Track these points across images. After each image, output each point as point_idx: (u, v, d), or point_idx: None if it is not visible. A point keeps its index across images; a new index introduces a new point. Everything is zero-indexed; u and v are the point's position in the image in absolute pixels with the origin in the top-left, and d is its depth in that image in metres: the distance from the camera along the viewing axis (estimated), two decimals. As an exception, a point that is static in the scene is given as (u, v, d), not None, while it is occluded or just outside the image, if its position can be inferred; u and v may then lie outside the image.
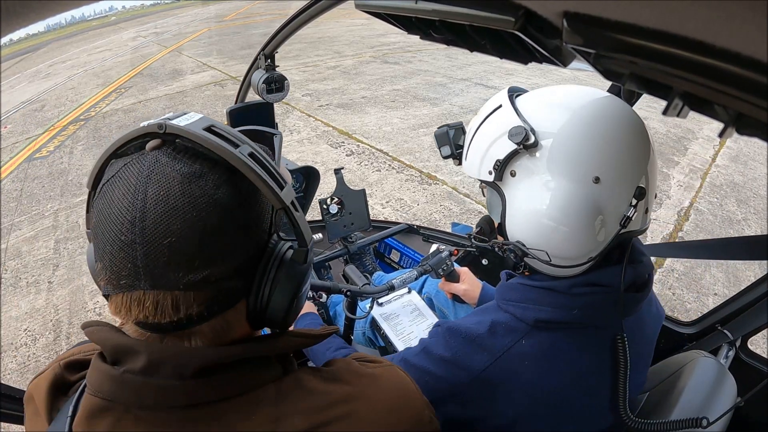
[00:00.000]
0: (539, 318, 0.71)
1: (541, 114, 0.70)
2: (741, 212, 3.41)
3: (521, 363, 0.70)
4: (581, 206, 0.66)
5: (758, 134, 0.24)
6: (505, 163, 0.71)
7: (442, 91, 6.35)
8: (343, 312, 1.31)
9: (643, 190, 0.67)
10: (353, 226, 1.60)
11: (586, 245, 0.69)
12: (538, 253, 0.70)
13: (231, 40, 12.48)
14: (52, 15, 0.31)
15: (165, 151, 0.42)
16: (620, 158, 0.67)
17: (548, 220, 0.68)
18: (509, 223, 0.74)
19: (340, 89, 6.82)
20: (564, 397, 0.71)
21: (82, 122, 6.25)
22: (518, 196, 0.71)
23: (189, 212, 0.40)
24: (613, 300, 0.70)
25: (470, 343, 0.73)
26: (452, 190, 3.73)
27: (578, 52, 0.32)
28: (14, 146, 5.65)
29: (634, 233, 0.71)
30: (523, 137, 0.66)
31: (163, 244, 0.40)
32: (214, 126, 0.45)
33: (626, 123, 0.68)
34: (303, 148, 4.71)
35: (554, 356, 0.71)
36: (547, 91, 0.75)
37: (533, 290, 0.74)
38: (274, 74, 1.20)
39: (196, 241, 0.40)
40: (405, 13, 0.52)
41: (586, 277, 0.72)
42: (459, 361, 0.73)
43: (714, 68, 0.22)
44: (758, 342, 2.11)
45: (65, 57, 13.64)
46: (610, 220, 0.68)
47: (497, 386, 0.71)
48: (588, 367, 0.72)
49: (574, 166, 0.66)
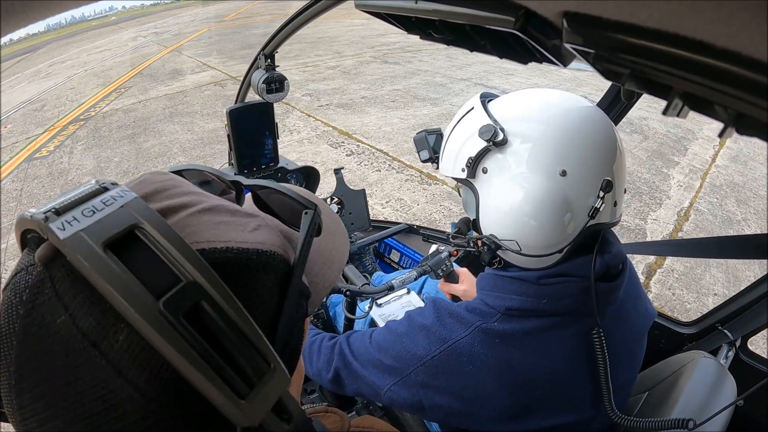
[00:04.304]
0: (509, 306, 0.74)
1: (510, 114, 0.74)
2: (741, 212, 3.41)
3: (491, 340, 0.73)
4: (549, 199, 0.69)
5: (758, 134, 0.24)
6: (476, 161, 0.74)
7: (442, 91, 6.35)
8: (342, 312, 1.31)
9: (610, 183, 0.70)
10: (353, 226, 1.60)
11: (555, 236, 0.72)
12: (509, 244, 0.74)
13: (231, 40, 12.48)
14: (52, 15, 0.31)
15: (56, 272, 0.25)
16: (586, 152, 0.70)
17: (519, 213, 0.72)
18: (483, 219, 0.77)
19: (340, 89, 6.82)
20: (532, 379, 0.73)
21: (82, 122, 6.25)
22: (490, 192, 0.75)
23: (70, 407, 0.24)
24: (584, 290, 0.72)
25: (450, 316, 0.77)
26: (452, 191, 3.73)
27: (578, 52, 0.32)
28: (14, 146, 5.65)
29: (604, 225, 0.74)
30: (492, 134, 0.70)
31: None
32: (139, 229, 0.25)
33: (591, 120, 0.72)
34: (303, 148, 4.71)
35: (524, 341, 0.73)
36: (517, 94, 0.79)
37: (504, 279, 0.77)
38: (274, 74, 1.20)
39: None
40: (405, 13, 0.52)
41: (556, 268, 0.75)
42: (437, 331, 0.76)
43: (714, 68, 0.22)
44: (758, 342, 2.11)
45: (65, 57, 13.64)
46: (578, 212, 0.71)
47: (469, 357, 0.74)
48: (559, 355, 0.74)
49: (541, 160, 0.70)
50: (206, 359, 0.24)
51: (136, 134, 5.50)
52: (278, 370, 0.27)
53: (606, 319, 0.74)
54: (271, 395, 0.27)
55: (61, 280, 0.25)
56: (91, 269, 0.23)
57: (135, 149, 5.04)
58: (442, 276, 1.20)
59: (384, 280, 1.42)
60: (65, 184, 4.37)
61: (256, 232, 0.32)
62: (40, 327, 0.24)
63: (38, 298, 0.25)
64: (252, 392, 0.25)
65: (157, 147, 5.05)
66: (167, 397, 0.25)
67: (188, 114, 6.10)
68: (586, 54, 0.31)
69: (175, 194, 0.31)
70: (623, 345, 0.79)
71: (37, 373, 0.25)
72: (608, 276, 0.76)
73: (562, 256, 0.74)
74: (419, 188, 3.81)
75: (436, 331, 0.77)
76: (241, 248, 0.29)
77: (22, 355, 0.25)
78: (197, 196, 0.32)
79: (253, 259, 0.30)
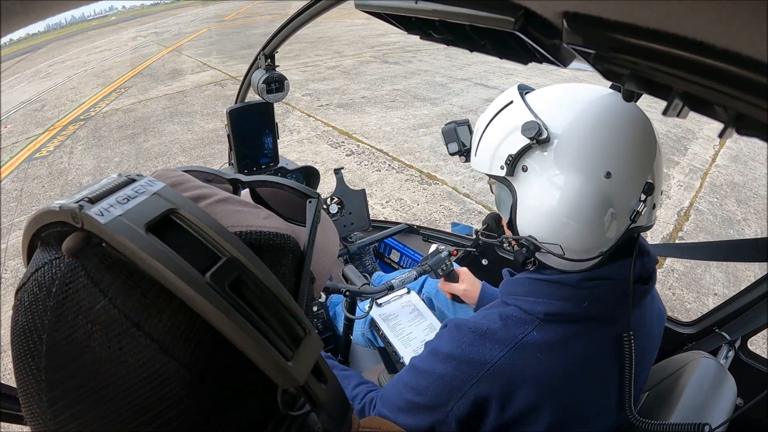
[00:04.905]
0: (549, 311, 0.71)
1: (553, 110, 0.70)
2: (741, 212, 3.41)
3: (533, 354, 0.69)
4: (593, 201, 0.67)
5: (758, 134, 0.24)
6: (517, 158, 0.71)
7: (442, 91, 6.35)
8: (342, 312, 1.31)
9: (651, 186, 0.68)
10: (353, 226, 1.60)
11: (597, 240, 0.69)
12: (551, 247, 0.71)
13: (231, 40, 12.47)
14: (52, 15, 0.31)
15: (88, 260, 0.25)
16: (630, 153, 0.68)
17: (560, 215, 0.69)
18: (520, 219, 0.74)
19: (340, 89, 6.81)
20: (573, 391, 0.71)
21: (82, 122, 6.25)
22: (530, 192, 0.71)
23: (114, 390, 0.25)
24: (620, 292, 0.71)
25: (480, 336, 0.72)
26: (452, 190, 3.73)
27: (578, 52, 0.32)
28: (14, 146, 5.65)
29: (641, 228, 0.72)
30: (536, 132, 0.67)
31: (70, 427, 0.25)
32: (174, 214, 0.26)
33: (634, 119, 0.69)
34: (303, 148, 4.71)
35: (563, 349, 0.70)
36: (557, 88, 0.75)
37: (541, 284, 0.74)
38: (274, 74, 1.20)
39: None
40: (405, 13, 0.52)
41: (596, 271, 0.72)
42: (469, 356, 0.71)
43: (714, 68, 0.22)
44: (758, 342, 2.11)
45: (65, 57, 13.64)
46: (620, 215, 0.68)
47: (510, 378, 0.69)
48: (595, 361, 0.73)
49: (586, 161, 0.67)
50: (254, 324, 0.25)
51: (136, 134, 5.50)
52: (312, 334, 0.29)
53: (633, 321, 0.73)
54: (310, 357, 0.28)
55: (95, 268, 0.25)
56: (138, 249, 0.23)
57: (135, 149, 5.04)
58: (442, 275, 1.20)
59: (384, 280, 1.41)
60: (65, 184, 4.37)
61: (268, 220, 0.33)
62: (76, 315, 0.25)
63: (71, 287, 0.25)
64: (295, 354, 0.27)
65: (157, 147, 5.05)
66: (209, 371, 0.26)
67: (188, 114, 6.10)
68: (586, 54, 0.31)
69: (190, 187, 0.32)
70: (643, 346, 0.79)
71: (73, 364, 0.25)
72: (642, 279, 0.74)
73: (601, 260, 0.72)
74: (419, 188, 3.81)
75: (467, 357, 0.71)
76: (262, 231, 0.31)
77: (55, 348, 0.25)
78: (210, 189, 0.33)
79: (275, 241, 0.31)
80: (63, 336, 0.25)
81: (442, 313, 1.32)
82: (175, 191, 0.27)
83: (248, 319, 0.25)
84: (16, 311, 0.27)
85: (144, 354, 0.25)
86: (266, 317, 0.26)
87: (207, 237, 0.25)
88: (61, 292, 0.25)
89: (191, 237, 0.25)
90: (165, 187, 0.27)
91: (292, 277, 0.33)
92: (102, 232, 0.24)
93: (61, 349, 0.25)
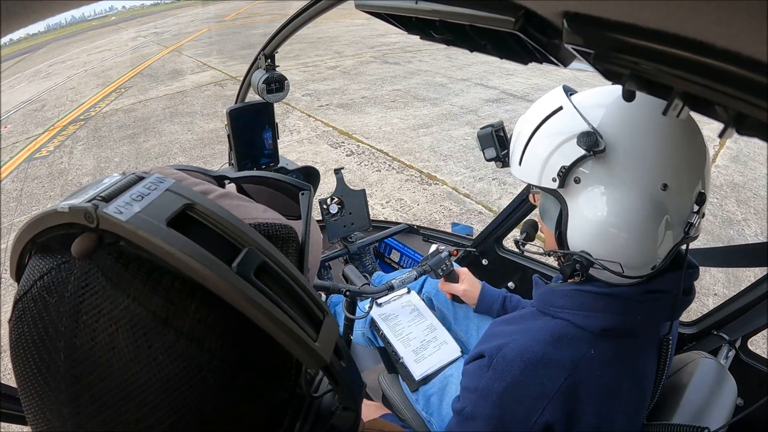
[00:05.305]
0: (606, 326, 0.68)
1: (605, 116, 0.66)
2: (741, 212, 3.41)
3: (594, 373, 0.67)
4: (649, 214, 0.64)
5: (758, 134, 0.24)
6: (570, 170, 0.67)
7: (442, 91, 6.35)
8: (342, 312, 1.31)
9: (703, 196, 0.65)
10: (353, 226, 1.60)
11: (652, 254, 0.67)
12: (609, 265, 0.67)
13: (231, 40, 12.47)
14: (52, 15, 0.31)
15: (102, 261, 0.24)
16: (684, 163, 0.65)
17: (615, 229, 0.65)
18: (571, 232, 0.70)
19: (340, 89, 6.81)
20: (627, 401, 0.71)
21: (82, 122, 6.25)
22: (582, 204, 0.68)
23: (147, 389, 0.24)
24: (668, 304, 0.70)
25: (535, 366, 0.66)
26: (452, 191, 3.73)
27: (578, 52, 0.32)
28: (14, 146, 5.64)
29: (689, 239, 0.69)
30: (594, 142, 0.62)
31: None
32: (191, 209, 0.25)
33: (688, 128, 0.65)
34: (303, 148, 4.71)
35: (620, 364, 0.69)
36: (607, 92, 0.70)
37: (594, 296, 0.70)
38: (274, 74, 1.20)
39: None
40: (405, 13, 0.52)
41: (650, 285, 0.70)
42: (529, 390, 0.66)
43: (714, 68, 0.22)
44: (758, 342, 2.11)
45: (65, 57, 13.63)
46: (675, 228, 0.65)
47: (575, 400, 0.66)
48: (645, 373, 0.73)
49: (642, 172, 0.63)
50: (284, 310, 0.25)
51: (136, 134, 5.50)
52: (329, 316, 0.29)
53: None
54: (332, 338, 0.29)
55: (111, 267, 0.24)
56: (165, 245, 0.23)
57: (135, 149, 5.04)
58: (442, 276, 1.20)
59: (384, 280, 1.41)
60: (65, 184, 4.37)
61: (267, 213, 0.34)
62: (97, 318, 0.24)
63: (87, 290, 0.24)
64: (319, 335, 0.27)
65: (157, 147, 5.05)
66: (239, 358, 0.27)
67: (188, 114, 6.10)
68: (586, 54, 0.31)
69: (191, 184, 0.32)
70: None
71: (98, 370, 0.24)
72: (686, 290, 0.73)
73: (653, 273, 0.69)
74: (419, 188, 3.81)
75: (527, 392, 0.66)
76: (267, 223, 0.32)
77: (76, 355, 0.24)
78: (208, 186, 0.33)
79: (280, 231, 0.32)
80: (84, 341, 0.24)
81: (442, 313, 1.32)
82: (186, 186, 0.27)
83: (277, 305, 0.25)
84: (20, 322, 0.26)
85: (175, 349, 0.24)
86: (290, 303, 0.26)
87: (224, 229, 0.26)
88: (76, 296, 0.24)
89: (210, 230, 0.25)
90: (175, 183, 0.26)
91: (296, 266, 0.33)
92: (122, 229, 0.23)
93: (84, 356, 0.24)
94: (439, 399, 1.08)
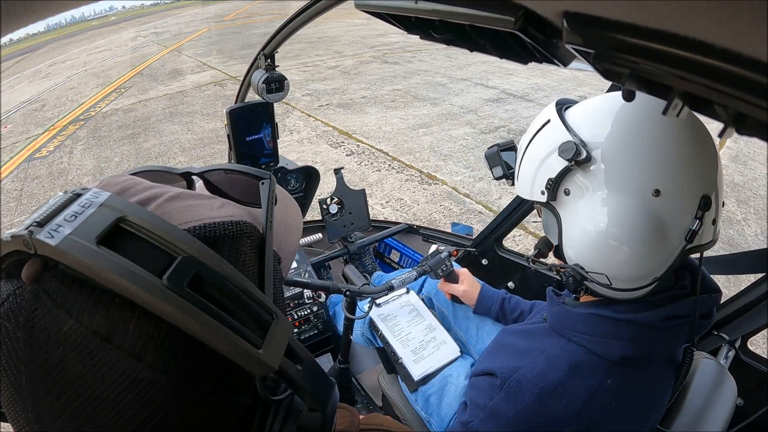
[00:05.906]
0: (625, 355, 0.66)
1: (591, 126, 0.65)
2: (741, 212, 3.41)
3: (609, 402, 0.66)
4: (641, 223, 0.61)
5: (758, 134, 0.24)
6: (557, 182, 0.66)
7: (442, 91, 6.35)
8: (342, 312, 1.31)
9: (708, 200, 0.61)
10: (353, 226, 1.60)
11: (649, 265, 0.64)
12: (596, 277, 0.66)
13: (231, 40, 12.47)
14: (52, 15, 0.31)
15: (49, 284, 0.25)
16: (681, 167, 0.62)
17: (607, 239, 0.63)
18: (566, 245, 0.69)
19: (340, 89, 6.82)
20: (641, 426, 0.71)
21: (82, 122, 6.25)
22: (574, 216, 0.67)
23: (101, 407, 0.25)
24: (689, 330, 0.69)
25: (549, 395, 0.66)
26: (452, 190, 3.73)
27: (578, 51, 0.32)
28: (14, 146, 5.64)
29: (704, 247, 0.65)
30: (574, 152, 0.62)
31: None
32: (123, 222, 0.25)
33: (683, 128, 0.62)
34: (303, 148, 4.71)
35: (636, 390, 0.69)
36: (596, 101, 0.69)
37: (614, 323, 0.68)
38: (274, 74, 1.20)
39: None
40: (405, 13, 0.52)
41: (668, 309, 0.67)
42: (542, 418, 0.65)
43: (714, 68, 0.22)
44: (758, 342, 2.11)
45: (65, 57, 13.63)
46: (673, 236, 0.62)
47: (588, 427, 0.66)
48: (661, 391, 0.73)
49: (631, 179, 0.62)
50: (219, 319, 0.25)
51: (136, 134, 5.50)
52: (280, 318, 0.29)
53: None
54: (281, 341, 0.28)
55: (56, 289, 0.25)
56: (93, 265, 0.23)
57: (135, 149, 5.04)
58: (442, 276, 1.20)
59: (384, 280, 1.41)
60: (65, 184, 4.37)
61: (223, 209, 0.33)
62: (46, 341, 0.25)
63: (37, 314, 0.25)
64: (265, 341, 0.27)
65: (157, 147, 5.05)
66: (188, 370, 0.26)
67: (188, 114, 6.10)
68: (586, 54, 0.31)
69: (139, 191, 0.32)
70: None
71: (55, 389, 0.25)
72: (704, 314, 0.71)
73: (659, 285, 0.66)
74: (419, 188, 3.81)
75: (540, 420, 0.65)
76: (216, 222, 0.31)
77: (34, 375, 0.25)
78: (160, 189, 0.33)
79: (229, 230, 0.31)
80: (38, 363, 0.25)
81: (442, 313, 1.32)
82: (121, 199, 0.26)
83: (211, 314, 0.25)
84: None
85: (119, 366, 0.25)
86: (230, 309, 0.26)
87: (158, 239, 0.25)
88: (28, 321, 0.25)
89: (143, 242, 0.25)
90: (111, 196, 0.26)
91: (254, 261, 0.33)
92: (55, 253, 0.23)
93: (40, 376, 0.25)
94: (438, 399, 1.08)
